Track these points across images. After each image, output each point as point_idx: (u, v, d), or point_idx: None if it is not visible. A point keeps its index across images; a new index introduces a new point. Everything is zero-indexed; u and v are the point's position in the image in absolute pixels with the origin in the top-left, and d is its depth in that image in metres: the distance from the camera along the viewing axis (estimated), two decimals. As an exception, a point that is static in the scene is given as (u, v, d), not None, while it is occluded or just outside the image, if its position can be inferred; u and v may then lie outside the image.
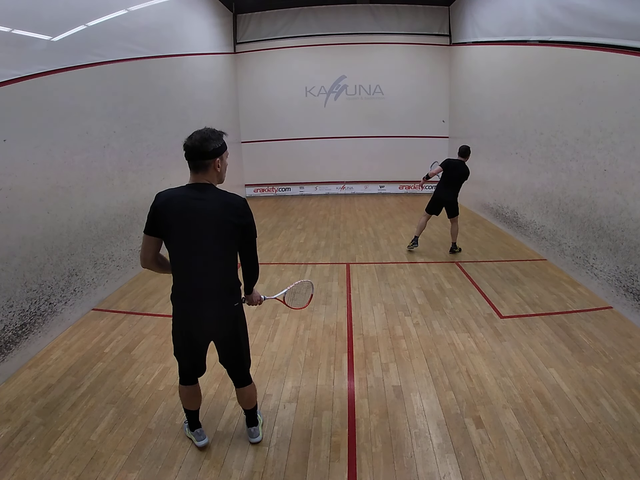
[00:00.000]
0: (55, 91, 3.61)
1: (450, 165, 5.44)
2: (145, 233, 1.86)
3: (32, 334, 3.20)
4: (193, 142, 1.77)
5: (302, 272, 4.98)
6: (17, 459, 2.16)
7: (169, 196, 1.81)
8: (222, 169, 1.88)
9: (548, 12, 5.26)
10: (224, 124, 9.26)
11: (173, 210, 1.79)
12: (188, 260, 1.85)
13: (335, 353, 3.18)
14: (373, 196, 10.73)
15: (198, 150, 1.77)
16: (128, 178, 4.77)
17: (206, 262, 1.85)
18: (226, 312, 1.96)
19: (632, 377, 2.75)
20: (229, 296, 1.96)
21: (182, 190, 1.82)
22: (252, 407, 2.24)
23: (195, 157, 1.79)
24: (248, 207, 1.88)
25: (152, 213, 1.82)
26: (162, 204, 1.80)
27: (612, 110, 3.91)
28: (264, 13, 9.95)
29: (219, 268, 1.89)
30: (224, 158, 1.88)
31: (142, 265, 1.95)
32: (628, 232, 3.68)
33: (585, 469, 2.02)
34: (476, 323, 3.61)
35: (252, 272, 2.03)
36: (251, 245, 1.93)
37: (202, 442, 2.22)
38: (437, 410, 2.50)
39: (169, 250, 1.89)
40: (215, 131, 1.82)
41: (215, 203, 1.80)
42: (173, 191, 1.83)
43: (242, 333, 2.07)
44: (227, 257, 1.89)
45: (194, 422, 2.23)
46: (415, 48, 10.07)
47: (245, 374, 2.16)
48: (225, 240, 1.84)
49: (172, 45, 6.36)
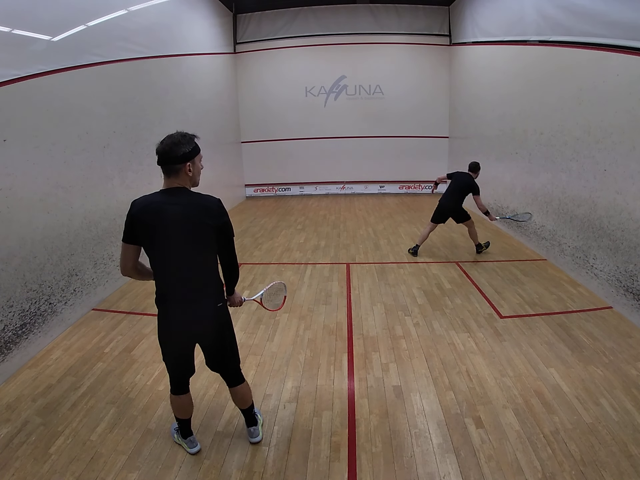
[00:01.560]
0: (55, 91, 3.61)
1: (456, 175, 5.54)
2: (123, 242, 1.85)
3: (32, 334, 3.20)
4: (164, 147, 1.77)
5: (302, 272, 4.98)
6: (17, 459, 2.16)
7: (145, 203, 1.80)
8: (194, 173, 1.85)
9: (548, 12, 5.26)
10: (223, 124, 9.31)
11: (149, 217, 1.78)
12: (168, 265, 1.86)
13: (335, 353, 3.18)
14: (373, 196, 10.73)
15: (168, 155, 1.76)
16: (128, 178, 4.76)
17: (186, 266, 1.85)
18: (210, 313, 1.96)
19: (632, 377, 2.75)
20: (211, 297, 1.96)
21: (156, 196, 1.82)
22: (247, 406, 2.24)
23: (166, 162, 1.78)
24: (223, 207, 1.88)
25: (129, 221, 1.81)
26: (138, 212, 1.79)
27: (612, 110, 3.91)
28: (264, 13, 9.95)
29: (199, 271, 1.90)
30: (197, 162, 1.85)
31: (123, 273, 1.94)
32: (628, 232, 3.68)
33: (585, 469, 2.02)
34: (476, 323, 3.61)
35: (231, 272, 2.03)
36: (229, 246, 1.93)
37: (195, 449, 2.20)
38: (437, 410, 2.50)
39: (149, 257, 1.89)
40: (187, 135, 1.81)
41: (190, 207, 1.79)
42: (148, 197, 1.83)
43: (227, 332, 2.07)
44: (207, 259, 1.90)
45: (186, 430, 2.21)
46: (415, 48, 10.07)
47: (236, 373, 2.16)
48: (203, 243, 1.84)
49: (172, 45, 6.36)
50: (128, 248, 1.86)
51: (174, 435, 2.29)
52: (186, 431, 2.21)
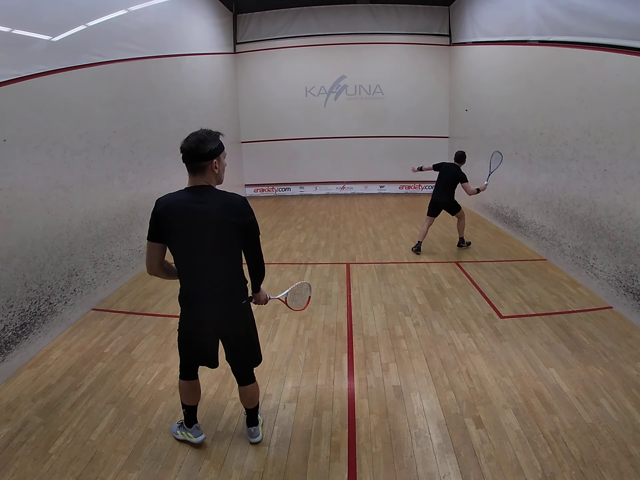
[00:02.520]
0: (55, 91, 3.61)
1: (443, 167, 5.65)
2: (148, 240, 1.85)
3: (32, 334, 3.20)
4: (189, 145, 1.75)
5: (302, 272, 4.98)
6: (17, 459, 2.15)
7: (169, 201, 1.80)
8: (220, 170, 1.86)
9: (548, 12, 5.26)
10: (224, 124, 9.29)
11: (174, 215, 1.78)
12: (193, 263, 1.86)
13: (335, 353, 3.18)
14: (373, 196, 10.73)
15: (195, 152, 1.75)
16: (128, 178, 4.76)
17: (211, 264, 1.85)
18: (234, 310, 1.97)
19: (632, 377, 2.75)
20: (235, 295, 1.97)
21: (181, 194, 1.81)
22: (253, 406, 2.25)
23: (192, 160, 1.77)
24: (249, 206, 1.88)
25: (153, 219, 1.82)
26: (163, 210, 1.79)
27: (612, 110, 3.91)
28: (264, 13, 9.95)
29: (225, 268, 1.90)
30: (222, 159, 1.86)
31: (149, 272, 1.93)
32: (628, 232, 3.68)
33: (585, 469, 2.02)
34: (476, 323, 3.61)
35: (258, 270, 2.05)
36: (255, 243, 1.94)
37: (200, 437, 2.22)
38: (437, 410, 2.50)
39: (173, 255, 1.89)
40: (212, 132, 1.81)
41: (216, 204, 1.79)
42: (172, 195, 1.82)
43: (251, 330, 2.09)
44: (232, 257, 1.90)
45: (192, 417, 2.23)
46: (415, 48, 10.07)
47: (251, 372, 2.18)
48: (229, 241, 1.84)
49: (172, 45, 6.36)
50: (154, 247, 1.85)
51: (176, 432, 2.28)
52: (191, 419, 2.22)
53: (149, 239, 1.85)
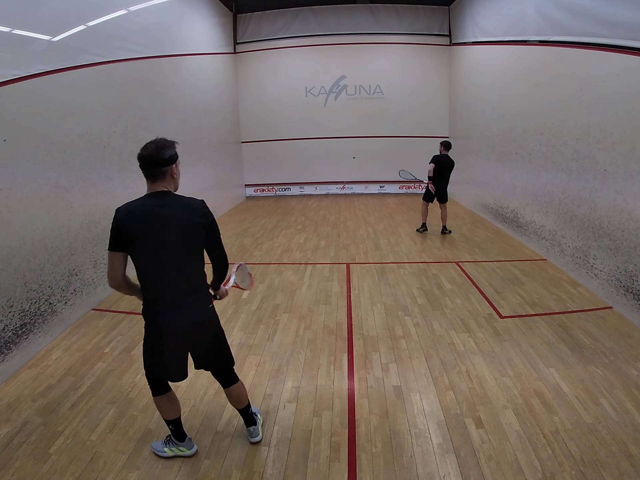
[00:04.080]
0: (55, 91, 3.61)
1: (441, 160, 6.32)
2: (111, 250, 1.80)
3: (32, 334, 3.20)
4: (150, 152, 1.78)
5: (302, 272, 4.98)
6: (17, 459, 2.16)
7: (130, 208, 1.79)
8: (177, 176, 1.91)
9: (548, 12, 5.26)
10: (224, 124, 9.32)
11: (138, 221, 1.77)
12: (160, 268, 1.84)
13: (335, 353, 3.18)
14: (373, 196, 10.73)
15: (155, 158, 1.79)
16: (128, 178, 4.76)
17: (178, 269, 1.86)
18: (204, 316, 1.99)
19: (632, 377, 2.75)
20: (203, 300, 1.98)
21: (142, 201, 1.82)
22: (243, 405, 2.24)
23: (152, 166, 1.80)
24: (207, 207, 1.91)
25: (115, 228, 1.78)
26: (125, 217, 1.77)
27: (612, 110, 3.91)
28: (264, 13, 9.96)
29: (191, 272, 1.92)
30: (178, 165, 1.91)
31: (112, 285, 1.86)
32: (628, 232, 3.68)
33: (585, 469, 2.02)
34: (476, 323, 3.61)
35: (223, 268, 2.06)
36: (219, 242, 1.97)
37: (194, 449, 2.19)
38: (437, 410, 2.50)
39: (137, 264, 1.85)
40: (168, 140, 1.86)
41: (179, 207, 1.83)
42: (133, 203, 1.82)
43: (221, 333, 2.11)
44: (197, 260, 1.92)
45: (181, 430, 2.16)
46: (415, 48, 10.08)
47: (230, 372, 2.17)
48: (195, 243, 1.87)
49: (172, 45, 6.37)
50: (117, 256, 1.80)
51: (163, 450, 2.17)
52: (180, 433, 2.16)
53: (112, 249, 1.80)
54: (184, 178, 1.88)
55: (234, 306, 4.05)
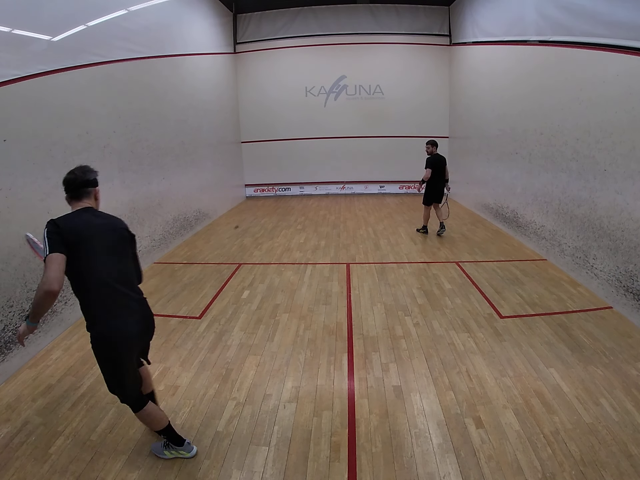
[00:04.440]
0: (55, 91, 3.61)
1: (435, 161, 6.36)
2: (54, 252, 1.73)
3: (32, 334, 3.19)
4: (78, 175, 1.98)
5: (302, 272, 4.98)
6: (17, 459, 2.16)
7: (68, 219, 1.87)
8: (99, 200, 2.10)
9: (548, 12, 5.26)
10: (224, 124, 9.31)
11: (81, 229, 1.86)
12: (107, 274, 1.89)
13: (335, 353, 3.18)
14: (373, 196, 10.73)
15: (83, 178, 1.99)
16: (128, 178, 4.77)
17: (123, 272, 1.98)
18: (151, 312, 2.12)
19: (632, 377, 2.75)
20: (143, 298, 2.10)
21: (76, 214, 1.93)
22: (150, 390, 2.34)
23: (82, 186, 1.99)
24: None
25: (55, 232, 1.77)
26: (67, 225, 1.82)
27: (612, 110, 3.91)
28: (264, 13, 9.96)
29: (132, 275, 2.06)
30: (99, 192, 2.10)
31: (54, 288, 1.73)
32: (628, 232, 3.68)
33: (585, 469, 2.02)
34: (476, 323, 3.61)
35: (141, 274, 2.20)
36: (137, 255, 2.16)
37: (194, 451, 2.19)
38: (437, 410, 2.50)
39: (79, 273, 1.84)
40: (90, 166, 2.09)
41: (110, 219, 2.03)
42: (69, 216, 1.91)
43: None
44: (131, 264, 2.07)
45: (177, 435, 2.16)
46: (415, 48, 10.08)
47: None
48: (128, 250, 2.06)
49: (172, 45, 6.36)
50: (58, 258, 1.73)
51: (163, 453, 2.17)
52: (177, 438, 2.16)
53: (55, 251, 1.73)
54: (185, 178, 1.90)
55: (234, 306, 4.05)
